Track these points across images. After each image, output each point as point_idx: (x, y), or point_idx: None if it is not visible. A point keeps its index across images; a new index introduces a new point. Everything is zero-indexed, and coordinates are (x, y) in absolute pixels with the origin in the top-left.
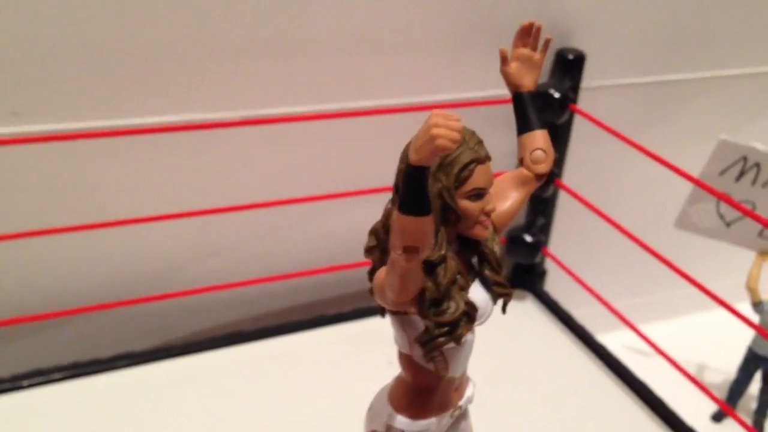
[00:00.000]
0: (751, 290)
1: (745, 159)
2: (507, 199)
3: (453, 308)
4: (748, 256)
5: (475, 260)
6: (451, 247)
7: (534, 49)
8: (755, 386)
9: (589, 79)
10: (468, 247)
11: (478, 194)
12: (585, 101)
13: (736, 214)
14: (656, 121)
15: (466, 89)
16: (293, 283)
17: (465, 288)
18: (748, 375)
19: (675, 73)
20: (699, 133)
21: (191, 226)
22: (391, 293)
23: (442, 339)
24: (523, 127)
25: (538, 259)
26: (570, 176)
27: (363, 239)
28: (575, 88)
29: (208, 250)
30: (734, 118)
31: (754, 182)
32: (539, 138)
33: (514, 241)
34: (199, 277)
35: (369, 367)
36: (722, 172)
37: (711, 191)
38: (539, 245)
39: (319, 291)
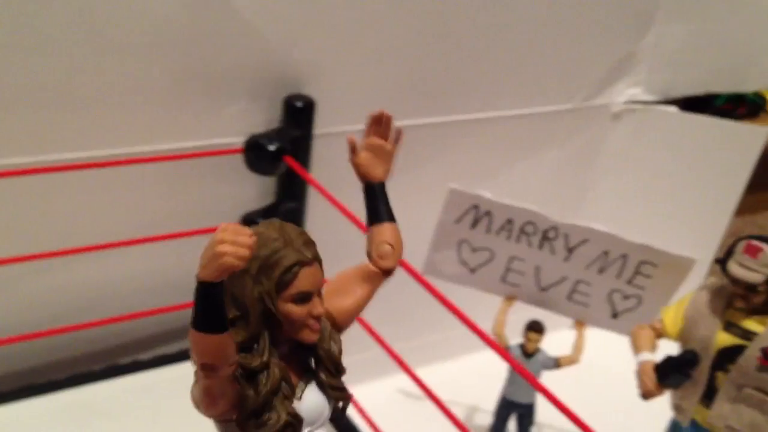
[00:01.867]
0: (498, 336)
1: (476, 207)
2: (350, 296)
3: (274, 419)
4: None
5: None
6: (278, 350)
7: (385, 138)
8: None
9: (322, 127)
10: (302, 349)
11: (303, 298)
12: (322, 148)
13: (478, 260)
14: (408, 166)
15: (188, 138)
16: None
17: (290, 397)
18: (503, 421)
19: (422, 117)
20: (451, 177)
21: None
22: (201, 407)
23: None
24: (372, 218)
25: None
26: (315, 220)
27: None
28: (306, 135)
29: None
30: (487, 161)
31: (488, 230)
32: (387, 231)
33: None
34: None
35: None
36: (458, 220)
37: (450, 239)
38: None
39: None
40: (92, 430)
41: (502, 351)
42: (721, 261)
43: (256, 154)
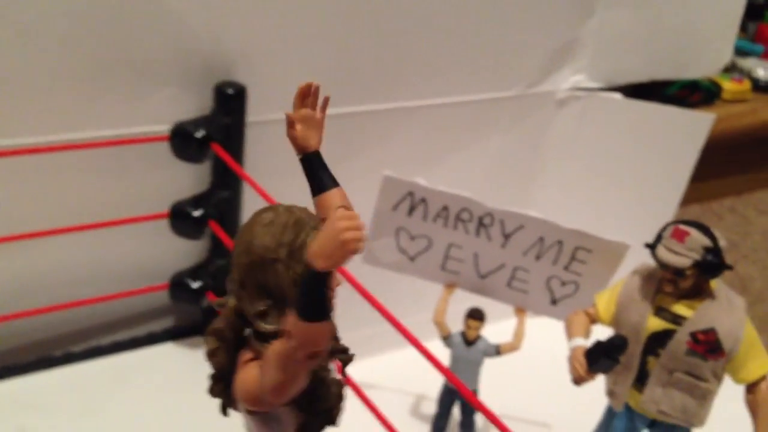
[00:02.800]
0: (438, 324)
1: (411, 194)
2: None
3: (330, 391)
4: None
5: None
6: None
7: (314, 108)
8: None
9: (256, 114)
10: None
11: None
12: (257, 136)
13: (417, 248)
14: (349, 153)
15: (115, 126)
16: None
17: (326, 368)
18: (446, 408)
19: (360, 105)
20: (393, 165)
21: None
22: (278, 397)
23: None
24: (318, 187)
25: (205, 305)
26: (253, 209)
27: None
28: (238, 123)
29: None
30: (430, 148)
31: (425, 217)
32: (337, 196)
33: (177, 285)
34: None
35: None
36: (394, 208)
37: (387, 226)
38: (204, 290)
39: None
40: (22, 423)
41: (422, 347)
42: (651, 246)
43: (182, 141)
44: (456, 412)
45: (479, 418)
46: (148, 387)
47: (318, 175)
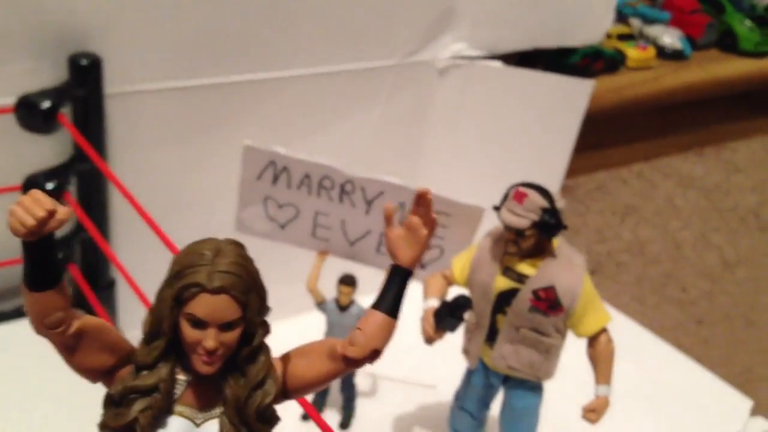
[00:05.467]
0: (311, 290)
1: (273, 163)
2: (310, 365)
3: (122, 416)
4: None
5: None
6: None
7: (424, 219)
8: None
9: (114, 86)
10: (218, 380)
11: (197, 323)
12: (119, 108)
13: (286, 216)
14: (217, 126)
15: None
16: None
17: (154, 408)
18: None
19: (225, 75)
20: (267, 138)
21: None
22: None
23: None
24: (375, 301)
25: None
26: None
27: None
28: (95, 95)
29: None
30: (306, 120)
31: (289, 185)
32: (372, 320)
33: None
34: None
35: None
36: (259, 177)
37: (254, 195)
38: (65, 261)
39: None
40: None
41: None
42: (497, 208)
43: (27, 112)
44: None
45: (359, 379)
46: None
47: (385, 291)
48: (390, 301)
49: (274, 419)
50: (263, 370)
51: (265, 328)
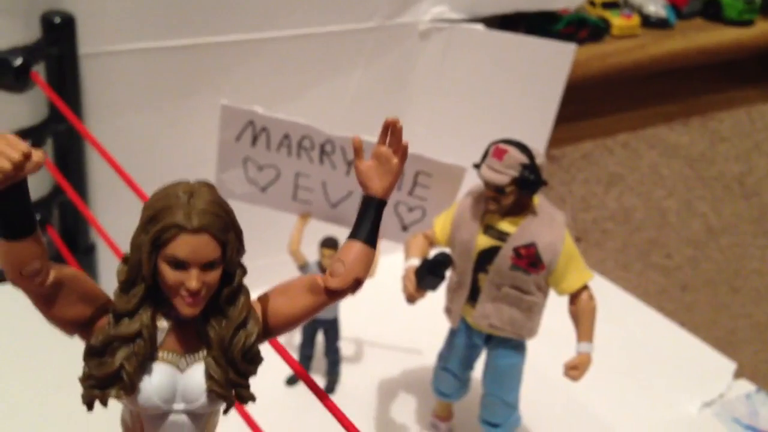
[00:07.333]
0: (293, 253)
1: (252, 123)
2: (292, 302)
3: (107, 365)
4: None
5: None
6: (170, 312)
7: (394, 149)
8: None
9: (89, 45)
10: (199, 322)
11: (178, 264)
12: (94, 68)
13: (266, 178)
14: (194, 88)
15: None
16: None
17: (139, 355)
18: (310, 338)
19: (203, 36)
20: (247, 100)
21: None
22: None
23: (86, 390)
24: (352, 232)
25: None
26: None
27: None
28: (69, 54)
29: None
30: (286, 83)
31: (268, 146)
32: (352, 250)
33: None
34: None
35: None
36: (237, 138)
37: (234, 157)
38: (43, 223)
39: None
40: None
41: None
42: (477, 166)
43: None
44: (320, 339)
45: (343, 344)
46: None
47: (360, 221)
48: (367, 231)
49: (258, 359)
50: (244, 310)
51: (243, 269)
